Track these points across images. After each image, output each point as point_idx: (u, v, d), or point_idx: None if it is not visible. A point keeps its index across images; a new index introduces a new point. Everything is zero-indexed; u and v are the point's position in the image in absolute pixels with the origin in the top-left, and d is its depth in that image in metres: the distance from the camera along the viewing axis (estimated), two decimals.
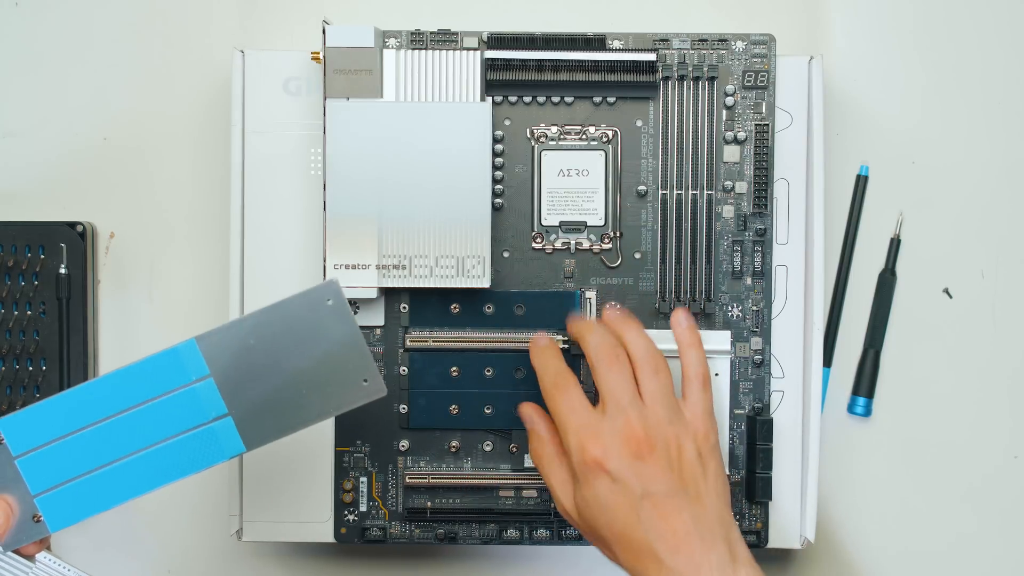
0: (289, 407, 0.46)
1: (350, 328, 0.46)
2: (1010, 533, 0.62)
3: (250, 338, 0.46)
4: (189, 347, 0.46)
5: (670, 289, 0.57)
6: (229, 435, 0.46)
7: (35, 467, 0.46)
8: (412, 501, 0.58)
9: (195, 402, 0.46)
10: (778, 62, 0.57)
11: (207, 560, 0.62)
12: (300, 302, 0.46)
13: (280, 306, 0.46)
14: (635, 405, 0.49)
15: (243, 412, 0.46)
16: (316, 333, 0.46)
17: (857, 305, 0.62)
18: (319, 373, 0.46)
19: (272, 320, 0.46)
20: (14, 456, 0.46)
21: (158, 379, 0.46)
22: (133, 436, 0.46)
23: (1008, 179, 0.62)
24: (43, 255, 0.60)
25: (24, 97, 0.63)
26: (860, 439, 0.62)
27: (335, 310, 0.46)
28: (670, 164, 0.57)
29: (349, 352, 0.46)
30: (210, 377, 0.46)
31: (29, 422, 0.45)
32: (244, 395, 0.46)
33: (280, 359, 0.46)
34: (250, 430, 0.46)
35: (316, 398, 0.46)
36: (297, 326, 0.46)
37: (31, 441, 0.46)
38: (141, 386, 0.46)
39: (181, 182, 0.62)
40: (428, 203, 0.55)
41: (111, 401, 0.46)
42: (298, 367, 0.46)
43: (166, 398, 0.46)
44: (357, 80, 0.55)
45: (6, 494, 0.46)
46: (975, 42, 0.62)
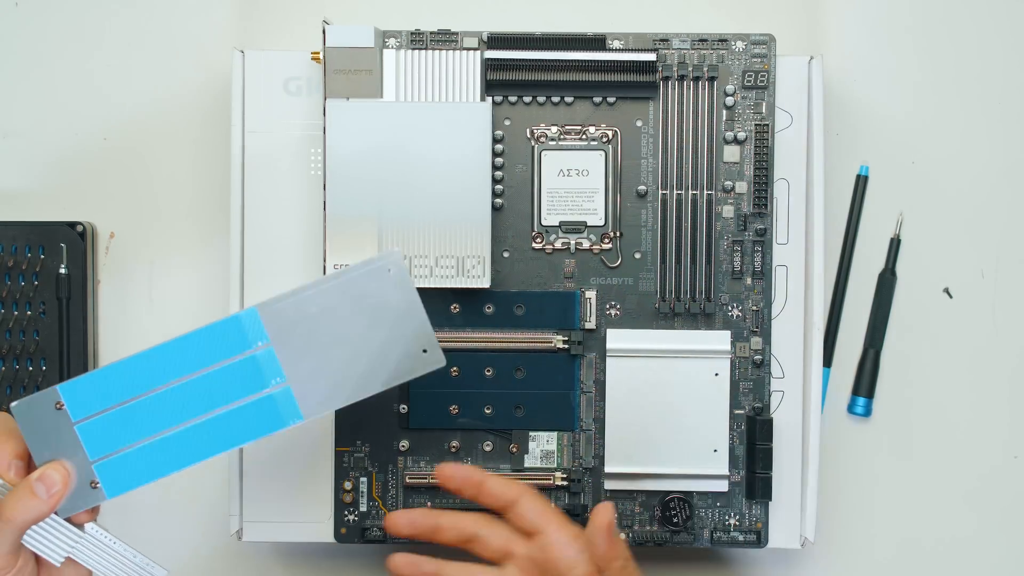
0: (348, 376, 0.46)
1: (410, 297, 0.46)
2: (1010, 533, 0.62)
3: (311, 307, 0.46)
4: (250, 315, 0.46)
5: (670, 289, 0.57)
6: (288, 404, 0.46)
7: (94, 433, 0.46)
8: (412, 501, 0.58)
9: (255, 370, 0.46)
10: (778, 62, 0.57)
11: (207, 560, 0.62)
12: (361, 271, 0.46)
13: (341, 275, 0.46)
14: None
15: (302, 381, 0.46)
16: (376, 302, 0.46)
17: (857, 305, 0.62)
18: (378, 342, 0.46)
19: (333, 289, 0.46)
20: (74, 422, 0.45)
21: (218, 346, 0.46)
22: (191, 403, 0.46)
23: (1008, 179, 0.62)
24: (43, 255, 0.60)
25: (24, 97, 0.63)
26: (860, 439, 0.62)
27: (395, 279, 0.46)
28: (670, 164, 0.57)
29: (409, 321, 0.46)
30: (271, 345, 0.46)
31: (89, 388, 0.45)
32: (303, 364, 0.46)
33: (340, 328, 0.46)
34: (308, 399, 0.46)
35: (375, 367, 0.46)
36: (358, 295, 0.46)
37: (91, 407, 0.45)
38: (201, 353, 0.46)
39: (181, 182, 0.62)
40: (428, 203, 0.55)
41: (171, 368, 0.46)
42: (358, 336, 0.46)
43: (226, 365, 0.46)
44: (357, 80, 0.55)
45: (65, 459, 0.46)
46: (975, 42, 0.62)
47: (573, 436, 0.58)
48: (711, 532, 0.58)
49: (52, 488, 0.45)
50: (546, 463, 0.58)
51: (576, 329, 0.57)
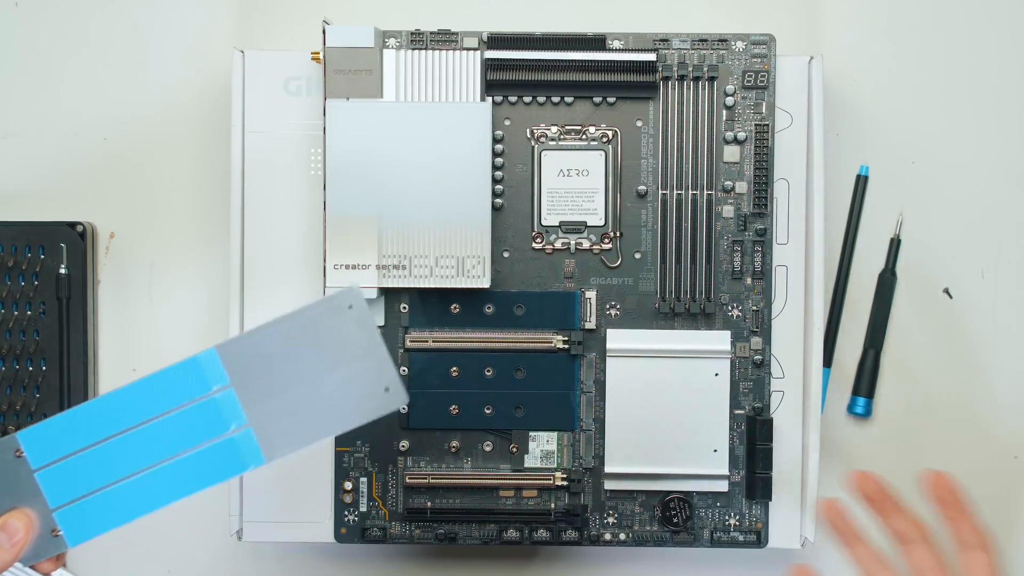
0: (310, 416, 0.45)
1: (371, 335, 0.45)
2: (1010, 533, 0.62)
3: (271, 346, 0.45)
4: (209, 356, 0.45)
5: (670, 289, 0.57)
6: (250, 446, 0.45)
7: (54, 480, 0.45)
8: (412, 501, 0.58)
9: (215, 413, 0.45)
10: (778, 62, 0.57)
11: (207, 560, 0.62)
12: (321, 309, 0.45)
13: (301, 313, 0.45)
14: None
15: (264, 422, 0.45)
16: (337, 340, 0.45)
17: (857, 305, 0.62)
18: (340, 381, 0.45)
19: (292, 328, 0.45)
20: (34, 469, 0.45)
21: (178, 389, 0.45)
22: (153, 448, 0.45)
23: (1008, 179, 0.62)
24: (43, 255, 0.60)
25: (24, 97, 0.63)
26: (860, 439, 0.62)
27: (356, 316, 0.45)
28: (670, 164, 0.57)
29: (371, 359, 0.45)
30: (231, 387, 0.45)
31: (48, 434, 0.45)
32: (265, 405, 0.45)
33: (301, 367, 0.45)
34: (271, 441, 0.45)
35: (338, 407, 0.45)
36: (318, 333, 0.45)
37: (50, 454, 0.45)
38: (161, 397, 0.45)
39: (181, 182, 0.62)
40: (428, 203, 0.55)
41: (130, 413, 0.45)
42: (319, 375, 0.45)
43: (186, 409, 0.45)
44: (357, 80, 0.55)
45: (26, 507, 0.45)
46: (975, 42, 0.62)
47: (573, 436, 0.58)
48: (711, 532, 0.58)
49: (14, 537, 0.44)
50: (546, 463, 0.58)
51: (576, 329, 0.57)
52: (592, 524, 0.58)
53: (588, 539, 0.57)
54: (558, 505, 0.57)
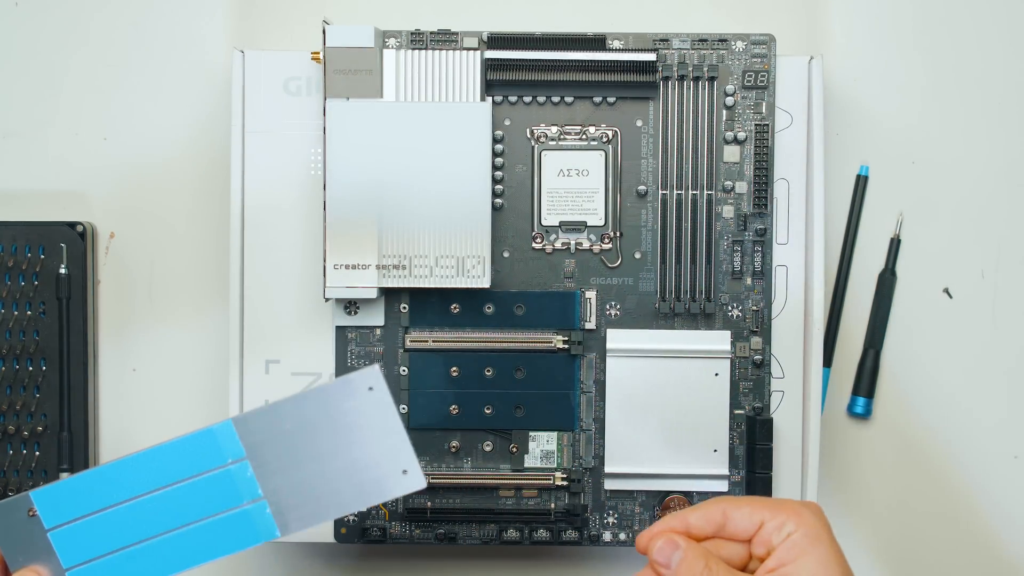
0: (324, 494, 0.45)
1: (391, 416, 0.45)
2: (1010, 533, 0.62)
3: (287, 421, 0.44)
4: (225, 428, 0.45)
5: (670, 289, 0.57)
6: (263, 519, 0.45)
7: (67, 541, 0.45)
8: (412, 501, 0.58)
9: (230, 484, 0.45)
10: (778, 62, 0.57)
11: None
12: (340, 388, 0.45)
13: (319, 391, 0.45)
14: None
15: (278, 497, 0.45)
16: (355, 420, 0.44)
17: (857, 305, 0.62)
18: (356, 461, 0.45)
19: (310, 405, 0.44)
20: (47, 529, 0.45)
21: (193, 458, 0.45)
22: (166, 515, 0.45)
23: (1008, 179, 0.62)
24: (43, 255, 0.60)
25: (24, 97, 0.63)
26: (860, 439, 0.62)
27: (376, 398, 0.44)
28: (670, 164, 0.57)
29: (389, 441, 0.45)
30: (246, 459, 0.45)
31: (61, 495, 0.45)
32: (280, 479, 0.45)
33: (317, 445, 0.45)
34: (285, 515, 0.45)
35: (353, 487, 0.45)
36: (336, 412, 0.44)
37: (63, 515, 0.45)
38: (176, 465, 0.45)
39: (181, 182, 0.62)
40: (428, 203, 0.55)
41: (145, 478, 0.45)
42: (335, 454, 0.45)
43: (201, 479, 0.45)
44: (357, 80, 0.55)
45: (39, 566, 0.45)
46: (975, 42, 0.62)
47: (573, 436, 0.58)
48: None
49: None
50: (546, 463, 0.58)
51: (576, 329, 0.57)
52: (592, 524, 0.58)
53: (588, 539, 0.57)
54: (558, 505, 0.57)
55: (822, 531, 0.44)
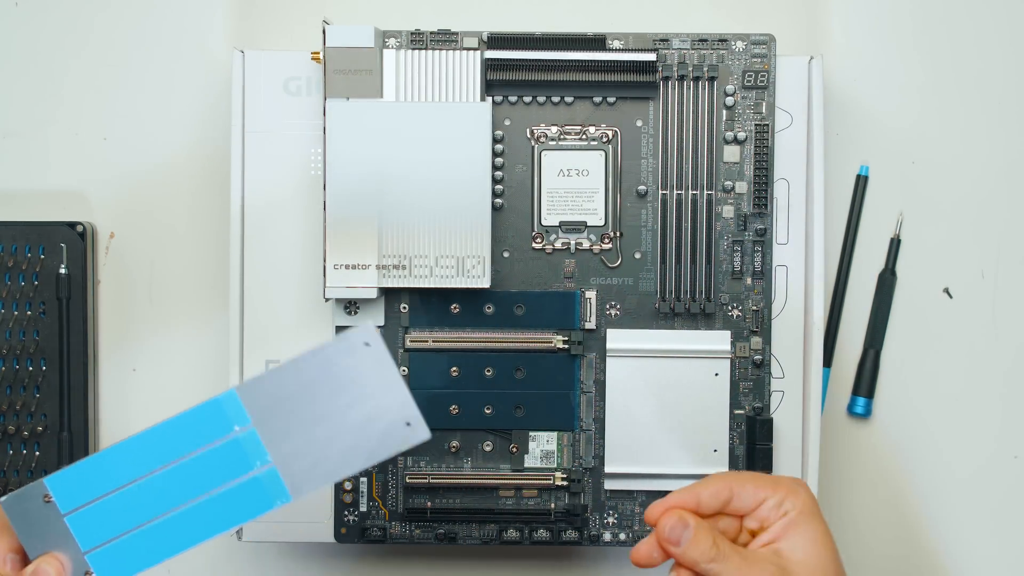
0: (333, 454, 0.45)
1: (389, 371, 0.45)
2: (1010, 533, 0.62)
3: (289, 385, 0.45)
4: (230, 397, 0.45)
5: (670, 289, 0.57)
6: (275, 484, 0.45)
7: (84, 524, 0.45)
8: (412, 501, 0.58)
9: (239, 452, 0.45)
10: (778, 62, 0.57)
11: (207, 560, 0.62)
12: (337, 347, 0.45)
13: (317, 352, 0.45)
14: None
15: (287, 460, 0.45)
16: (355, 377, 0.45)
17: (857, 305, 0.62)
18: (361, 418, 0.45)
19: (310, 366, 0.45)
20: (63, 513, 0.45)
21: (201, 431, 0.45)
22: (179, 489, 0.45)
23: (1008, 179, 0.62)
24: (43, 255, 0.60)
25: (24, 97, 0.63)
26: (860, 439, 0.62)
27: (373, 353, 0.45)
28: (670, 164, 0.57)
29: (390, 395, 0.45)
30: (252, 427, 0.45)
31: (75, 479, 0.45)
32: (287, 443, 0.45)
33: (321, 406, 0.45)
34: (295, 478, 0.45)
35: (359, 443, 0.45)
36: (336, 371, 0.45)
37: (79, 498, 0.45)
38: (184, 439, 0.45)
39: (181, 182, 0.62)
40: (428, 203, 0.55)
41: (155, 455, 0.45)
42: (339, 413, 0.45)
43: (210, 449, 0.45)
44: (357, 80, 0.55)
45: (58, 551, 0.45)
46: (975, 42, 0.62)
47: (573, 436, 0.58)
48: None
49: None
50: (546, 463, 0.58)
51: (576, 329, 0.57)
52: (592, 524, 0.58)
53: (588, 539, 0.57)
54: (558, 505, 0.57)
55: (814, 508, 0.46)
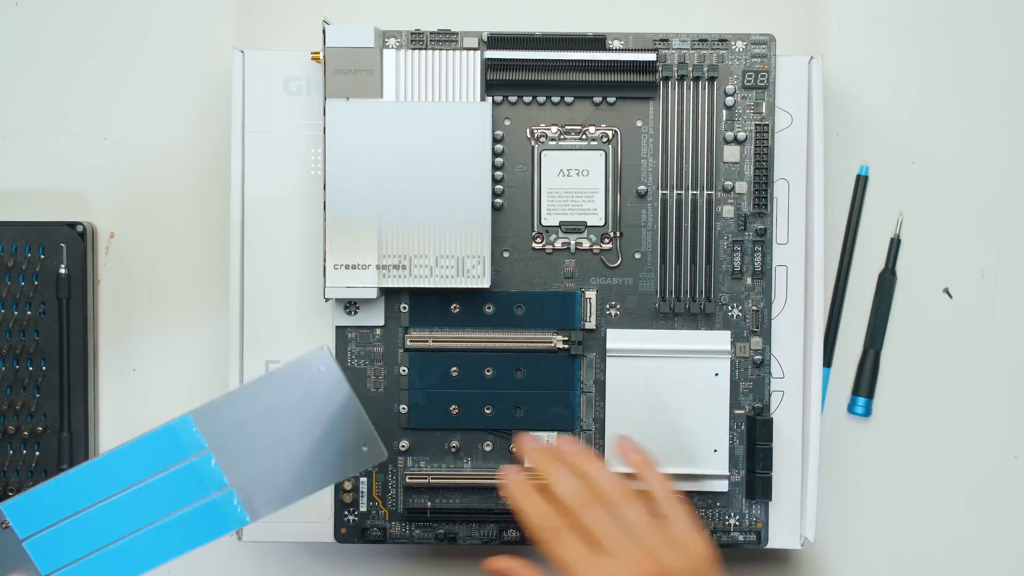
0: (289, 477, 0.46)
1: (344, 395, 0.45)
2: (1010, 533, 0.62)
3: (245, 409, 0.45)
4: (184, 423, 0.45)
5: (670, 289, 0.57)
6: (231, 508, 0.46)
7: (43, 548, 0.46)
8: (412, 501, 0.58)
9: (195, 477, 0.45)
10: (778, 62, 0.57)
11: (207, 560, 0.62)
12: (291, 371, 0.45)
13: (272, 377, 0.45)
14: (630, 537, 0.48)
15: (244, 484, 0.46)
16: (311, 401, 0.45)
17: (857, 305, 0.62)
18: (316, 442, 0.45)
19: (266, 391, 0.45)
20: (21, 539, 0.46)
21: (157, 456, 0.45)
22: (137, 513, 0.46)
23: (1008, 179, 0.62)
24: (43, 255, 0.60)
25: (24, 97, 0.63)
26: (860, 439, 0.62)
27: (327, 377, 0.45)
28: (670, 164, 0.57)
29: (345, 419, 0.45)
30: (208, 451, 0.45)
31: (33, 504, 0.46)
32: (244, 467, 0.45)
33: (277, 429, 0.45)
34: (252, 501, 0.46)
35: (315, 467, 0.46)
36: (291, 395, 0.45)
37: (37, 523, 0.46)
38: (140, 463, 0.46)
39: (181, 182, 0.62)
40: (428, 203, 0.55)
41: (112, 480, 0.46)
42: (295, 437, 0.45)
43: (166, 474, 0.46)
44: (357, 80, 0.55)
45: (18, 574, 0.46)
46: (975, 42, 0.62)
47: (573, 436, 0.58)
48: (711, 532, 0.58)
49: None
50: None
51: (576, 329, 0.57)
52: None
53: None
54: None
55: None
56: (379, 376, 0.57)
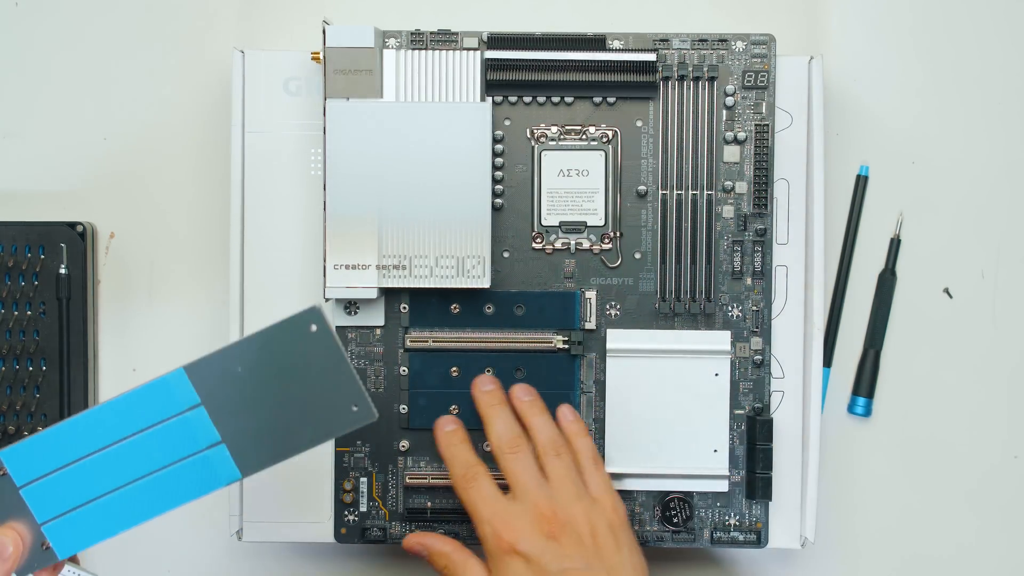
0: (281, 434, 0.46)
1: (336, 354, 0.45)
2: (1010, 533, 0.62)
3: (237, 366, 0.45)
4: (178, 376, 0.46)
5: (670, 289, 0.57)
6: (224, 462, 0.46)
7: (39, 496, 0.46)
8: (412, 501, 0.58)
9: (188, 430, 0.46)
10: (778, 62, 0.57)
11: (207, 560, 0.62)
12: (284, 329, 0.45)
13: (265, 333, 0.45)
14: (541, 487, 0.51)
15: (236, 439, 0.46)
16: (302, 360, 0.45)
17: (857, 305, 0.62)
18: (308, 400, 0.46)
19: (257, 347, 0.45)
20: (19, 486, 0.46)
21: (150, 408, 0.46)
22: (132, 464, 0.46)
23: (1008, 179, 0.62)
24: (43, 255, 0.60)
25: (24, 97, 0.63)
26: (860, 439, 0.62)
27: (319, 336, 0.45)
28: (670, 164, 0.57)
29: (336, 378, 0.45)
30: (201, 406, 0.46)
31: (30, 453, 0.46)
32: (236, 422, 0.46)
33: (268, 386, 0.45)
34: (244, 457, 0.46)
35: (306, 425, 0.46)
36: (282, 353, 0.45)
37: (33, 471, 0.46)
38: (135, 416, 0.46)
39: (181, 182, 0.62)
40: (428, 203, 0.55)
41: (107, 430, 0.46)
42: (286, 394, 0.45)
43: (160, 427, 0.46)
44: (357, 80, 0.55)
45: (14, 522, 0.46)
46: (975, 42, 0.62)
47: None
48: (711, 532, 0.58)
49: (4, 552, 0.45)
50: None
51: (576, 329, 0.57)
52: None
53: None
54: None
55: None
56: (379, 376, 0.57)
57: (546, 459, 0.52)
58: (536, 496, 0.50)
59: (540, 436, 0.53)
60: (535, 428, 0.53)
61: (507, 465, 0.52)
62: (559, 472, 0.51)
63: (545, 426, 0.53)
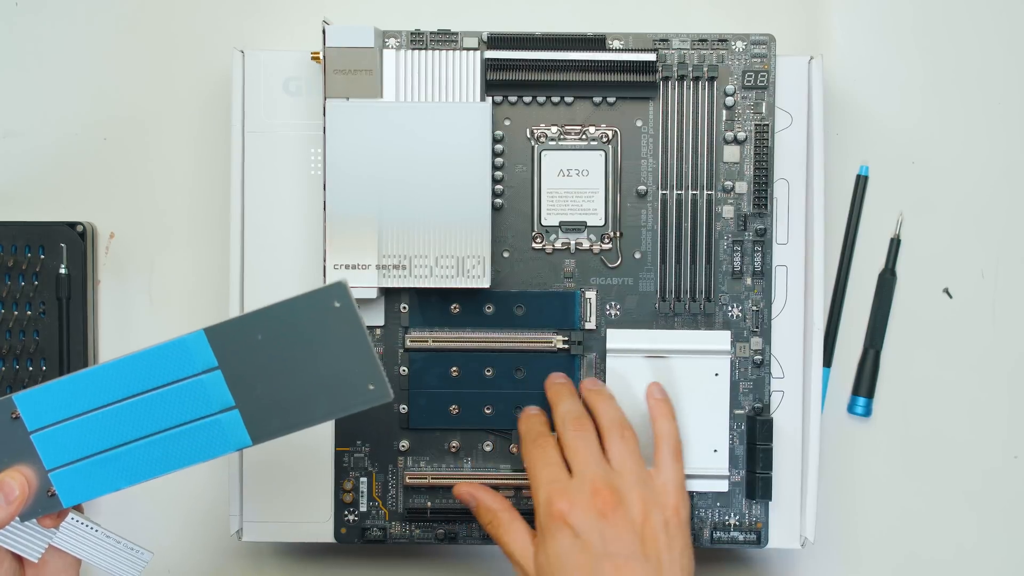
0: (295, 405, 0.46)
1: (357, 332, 0.45)
2: (1010, 533, 0.62)
3: (258, 333, 0.45)
4: (198, 338, 0.45)
5: (670, 289, 0.57)
6: (236, 428, 0.46)
7: (49, 443, 0.46)
8: (412, 501, 0.58)
9: (203, 393, 0.46)
10: (778, 62, 0.57)
11: (207, 560, 0.62)
12: (308, 302, 0.45)
13: (288, 304, 0.45)
14: (601, 465, 0.51)
15: (250, 406, 0.46)
16: (323, 334, 0.45)
17: (857, 305, 0.62)
18: (325, 374, 0.45)
19: (280, 317, 0.45)
20: (30, 431, 0.46)
21: (167, 367, 0.46)
22: (143, 421, 0.46)
23: (1008, 179, 0.62)
24: (43, 255, 0.60)
25: (24, 97, 0.63)
26: (860, 439, 0.62)
27: (342, 313, 0.45)
28: (670, 164, 0.57)
29: (355, 356, 0.45)
30: (218, 369, 0.45)
31: (44, 399, 0.46)
32: (251, 389, 0.45)
33: (287, 357, 0.45)
34: (257, 424, 0.46)
35: (321, 399, 0.46)
36: (304, 326, 0.45)
37: (46, 418, 0.46)
38: (151, 372, 0.46)
39: (181, 182, 0.62)
40: (428, 203, 0.55)
41: (122, 385, 0.46)
42: (304, 366, 0.45)
43: (174, 387, 0.46)
44: (357, 80, 0.55)
45: (22, 466, 0.46)
46: (975, 42, 0.62)
47: None
48: (711, 532, 0.58)
49: (11, 495, 0.45)
50: None
51: (576, 329, 0.57)
52: None
53: None
54: None
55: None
56: None
57: (610, 440, 0.52)
58: (595, 473, 0.50)
59: (604, 418, 0.53)
60: (600, 411, 0.53)
61: (569, 442, 0.51)
62: (622, 454, 0.51)
63: (611, 409, 0.53)
